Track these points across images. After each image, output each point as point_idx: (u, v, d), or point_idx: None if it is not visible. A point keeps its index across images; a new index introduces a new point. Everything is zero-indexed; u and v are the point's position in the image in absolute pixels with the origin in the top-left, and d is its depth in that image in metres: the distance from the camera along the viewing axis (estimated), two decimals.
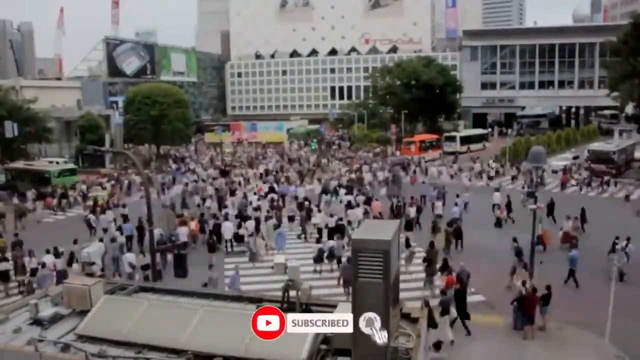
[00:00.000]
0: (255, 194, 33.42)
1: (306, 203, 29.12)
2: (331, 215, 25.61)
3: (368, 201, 29.46)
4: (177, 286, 9.65)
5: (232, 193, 33.73)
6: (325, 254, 21.17)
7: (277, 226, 25.19)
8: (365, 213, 27.19)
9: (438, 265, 19.22)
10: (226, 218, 25.74)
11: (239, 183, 39.40)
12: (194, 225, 25.30)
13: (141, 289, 8.72)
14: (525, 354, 14.59)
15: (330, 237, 23.03)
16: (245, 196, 31.79)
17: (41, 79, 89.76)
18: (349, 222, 25.71)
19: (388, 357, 5.78)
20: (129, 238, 24.23)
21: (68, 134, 60.28)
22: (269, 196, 31.84)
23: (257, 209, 28.30)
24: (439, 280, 18.69)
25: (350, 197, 30.56)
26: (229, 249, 24.20)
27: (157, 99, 58.07)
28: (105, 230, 26.22)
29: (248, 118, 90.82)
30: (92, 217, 28.05)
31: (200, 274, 17.26)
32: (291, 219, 27.82)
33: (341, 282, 18.38)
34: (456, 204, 28.05)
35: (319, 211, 27.49)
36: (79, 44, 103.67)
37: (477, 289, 18.77)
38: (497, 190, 31.47)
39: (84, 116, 58.21)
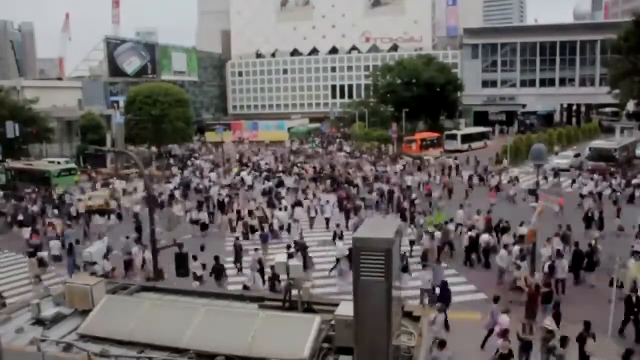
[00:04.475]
0: None
1: None
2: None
3: None
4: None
5: None
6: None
7: None
8: None
9: None
10: None
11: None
12: None
13: (143, 289, 8.73)
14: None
15: None
16: None
17: (42, 79, 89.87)
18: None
19: (390, 355, 5.78)
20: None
21: (69, 133, 60.40)
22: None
23: None
24: None
25: None
26: None
27: (158, 98, 58.17)
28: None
29: (249, 117, 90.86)
30: None
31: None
32: None
33: None
34: None
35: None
36: (79, 43, 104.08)
37: (478, 287, 18.81)
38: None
39: (85, 116, 58.33)
